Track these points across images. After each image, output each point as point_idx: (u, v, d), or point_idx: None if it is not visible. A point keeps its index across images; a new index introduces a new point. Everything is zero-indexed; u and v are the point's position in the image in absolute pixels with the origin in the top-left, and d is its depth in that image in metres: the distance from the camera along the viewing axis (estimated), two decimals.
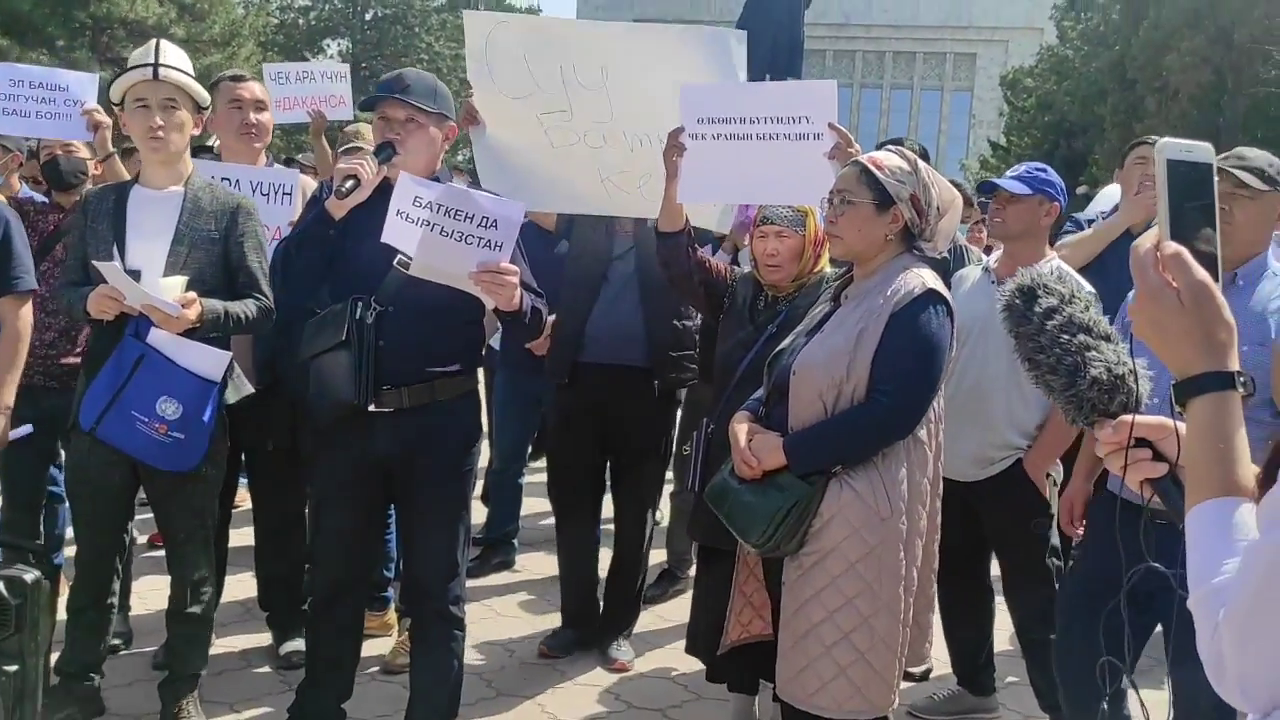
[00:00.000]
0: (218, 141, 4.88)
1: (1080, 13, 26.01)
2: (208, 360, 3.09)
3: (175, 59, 3.19)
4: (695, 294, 3.59)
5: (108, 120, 3.97)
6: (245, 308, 3.15)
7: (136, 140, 3.20)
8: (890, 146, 3.24)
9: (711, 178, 3.35)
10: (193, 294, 3.01)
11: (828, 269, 3.43)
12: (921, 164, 2.74)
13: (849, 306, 2.70)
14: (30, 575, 2.46)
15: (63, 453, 3.69)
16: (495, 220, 2.75)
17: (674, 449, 4.31)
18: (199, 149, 4.73)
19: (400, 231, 2.75)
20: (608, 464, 4.18)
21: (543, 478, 4.54)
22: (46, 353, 3.76)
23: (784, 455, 2.60)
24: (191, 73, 3.24)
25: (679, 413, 4.34)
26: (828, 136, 3.26)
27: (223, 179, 3.50)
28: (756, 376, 3.00)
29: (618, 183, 3.86)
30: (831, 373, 2.59)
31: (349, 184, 2.83)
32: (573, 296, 3.98)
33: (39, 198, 4.35)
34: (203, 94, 3.25)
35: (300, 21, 38.41)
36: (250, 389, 3.33)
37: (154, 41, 3.19)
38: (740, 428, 2.73)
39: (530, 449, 5.47)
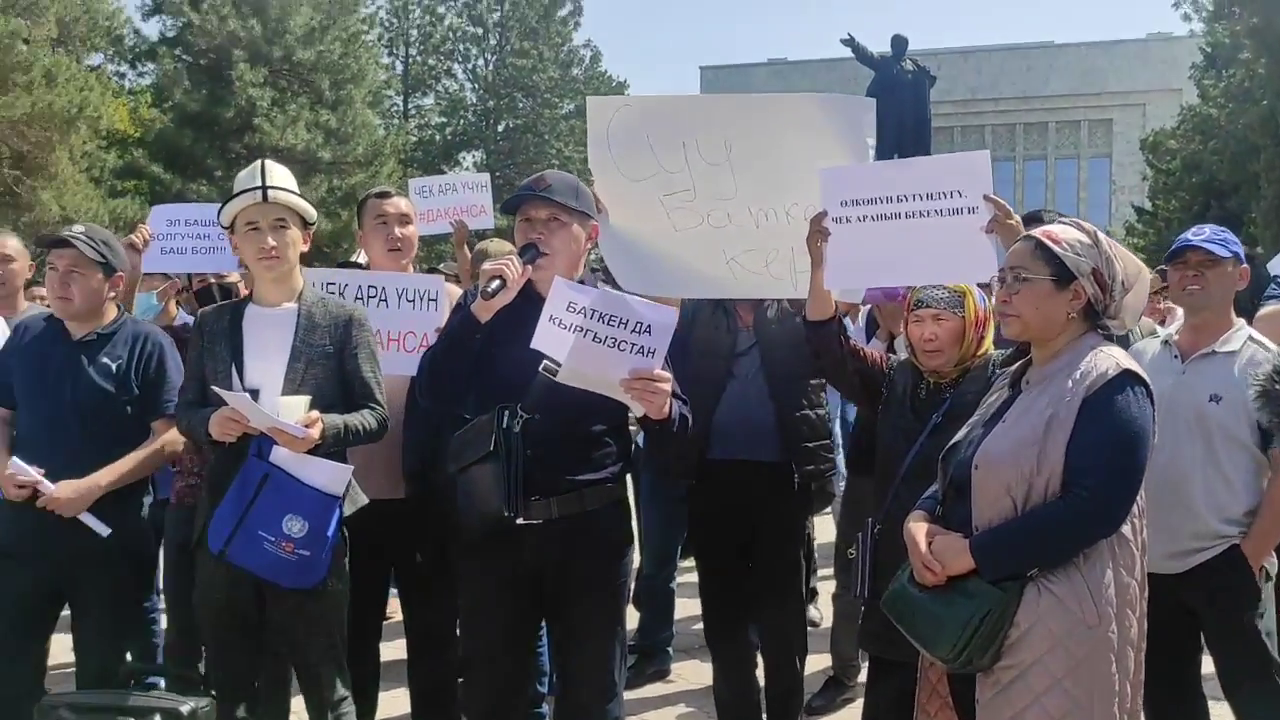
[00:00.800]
0: (363, 256, 5.00)
1: (1221, 70, 25.13)
2: (330, 475, 3.06)
3: (281, 178, 3.20)
4: (850, 384, 3.42)
5: None
6: (363, 420, 3.12)
7: (249, 262, 3.21)
8: (1063, 219, 3.02)
9: (860, 261, 3.21)
10: (315, 413, 2.99)
11: (993, 351, 3.22)
12: (1102, 236, 2.53)
13: (1032, 392, 2.49)
14: (187, 706, 2.42)
15: None
16: (649, 325, 2.67)
17: (811, 543, 4.09)
18: (346, 264, 4.84)
19: (551, 337, 2.68)
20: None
21: (695, 578, 4.37)
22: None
23: (972, 559, 2.37)
24: (297, 189, 3.26)
25: (819, 506, 4.14)
26: (984, 210, 3.10)
27: (370, 287, 3.52)
28: (924, 471, 2.82)
29: (744, 263, 3.74)
30: (1020, 466, 2.37)
31: (494, 285, 2.79)
32: (697, 394, 3.86)
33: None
34: (310, 211, 3.25)
35: (437, 137, 40.29)
36: (365, 500, 3.27)
37: (259, 162, 3.23)
38: (918, 529, 2.51)
39: (680, 550, 5.30)
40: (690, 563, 5.07)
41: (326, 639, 3.16)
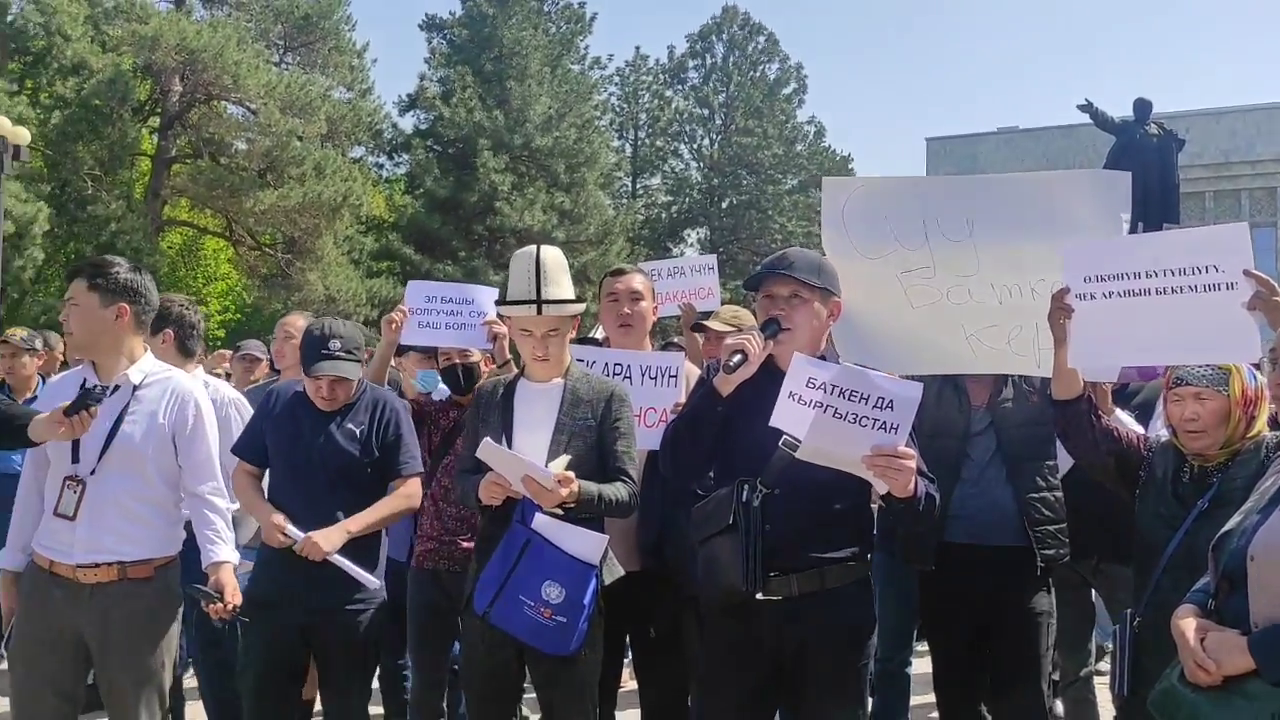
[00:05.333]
0: (601, 331, 5.19)
1: None
2: (587, 544, 3.14)
3: (555, 286, 3.24)
4: (1104, 466, 3.25)
5: (505, 331, 4.22)
6: (616, 491, 3.21)
7: (524, 355, 3.39)
8: None
9: (1108, 339, 3.07)
10: (570, 474, 3.10)
11: (1266, 432, 2.99)
12: None
13: None
14: None
15: None
16: (891, 400, 2.63)
17: (1052, 631, 3.84)
18: (584, 340, 5.04)
19: (791, 414, 2.69)
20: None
21: (928, 665, 4.20)
22: (450, 539, 4.03)
23: (1251, 658, 2.19)
24: (568, 286, 3.33)
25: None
26: (1244, 285, 2.88)
27: (615, 364, 3.66)
28: (1188, 560, 2.66)
29: (984, 339, 3.64)
30: None
31: (736, 359, 2.83)
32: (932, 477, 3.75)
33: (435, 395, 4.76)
34: (579, 310, 3.38)
35: (663, 216, 41.37)
36: (622, 571, 3.35)
37: (535, 259, 3.26)
38: (1187, 624, 2.34)
39: (916, 634, 5.12)
40: (923, 646, 4.88)
41: (579, 706, 3.23)
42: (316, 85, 24.89)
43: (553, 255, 3.33)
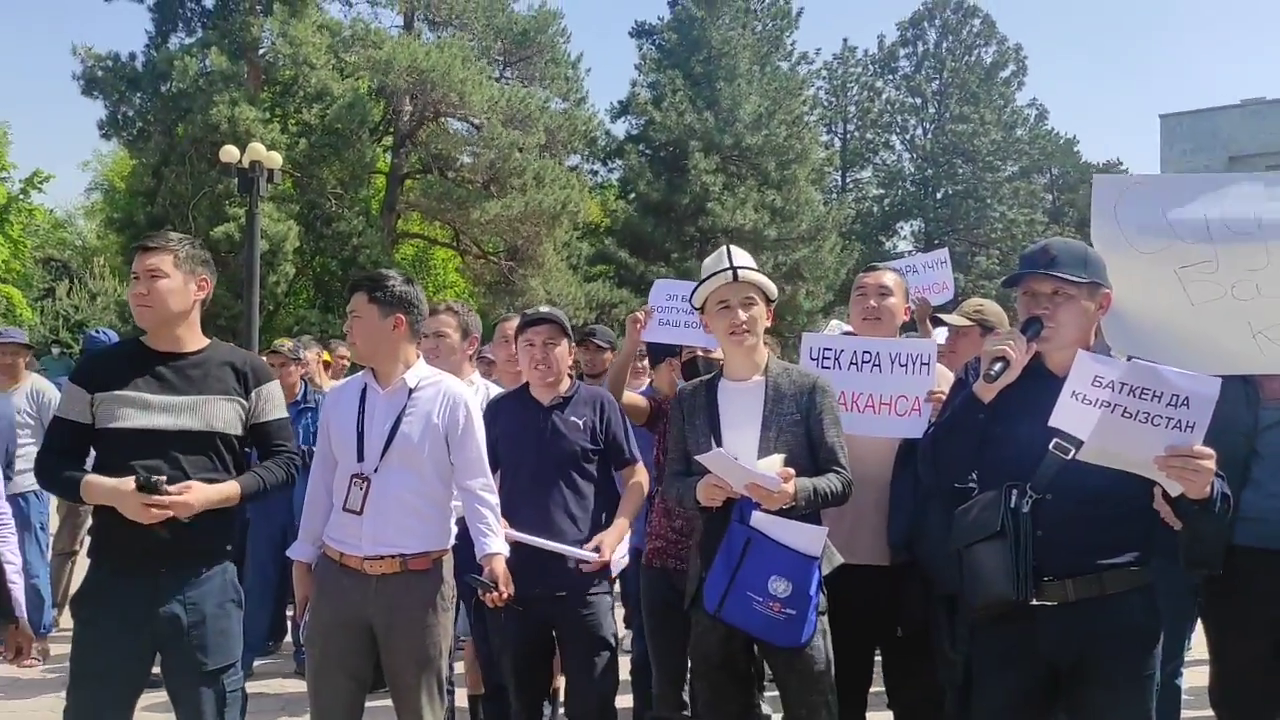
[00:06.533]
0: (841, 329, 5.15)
1: None
2: (806, 537, 3.17)
3: (745, 259, 3.40)
4: None
5: None
6: (830, 483, 3.22)
7: (721, 338, 3.44)
8: None
9: None
10: (790, 470, 3.13)
11: None
12: None
13: None
14: None
15: None
16: (1187, 398, 2.50)
17: None
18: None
19: (1074, 414, 2.58)
20: None
21: (1198, 679, 3.94)
22: (678, 538, 4.11)
23: None
24: (759, 269, 3.47)
25: None
26: None
27: (864, 352, 3.66)
28: None
29: (1273, 337, 3.38)
30: None
31: (997, 366, 2.75)
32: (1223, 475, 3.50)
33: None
34: (773, 288, 3.45)
35: (875, 209, 40.58)
36: (840, 560, 3.34)
37: (724, 247, 3.45)
38: None
39: (1188, 645, 4.81)
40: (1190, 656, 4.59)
41: (819, 695, 3.26)
42: (535, 98, 25.87)
43: (739, 250, 3.46)
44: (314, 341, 7.18)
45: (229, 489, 3.17)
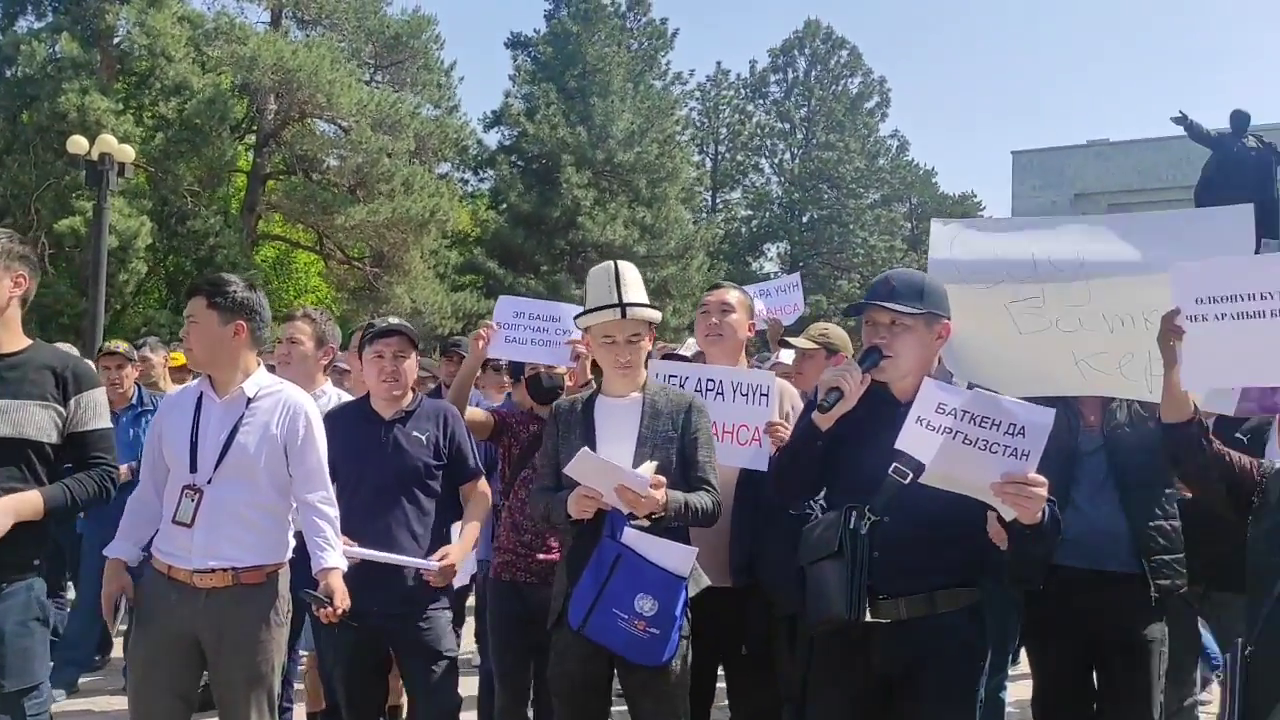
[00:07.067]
0: (690, 349, 5.23)
1: None
2: (676, 556, 3.18)
3: (635, 291, 3.35)
4: (1214, 491, 3.17)
5: (586, 352, 4.27)
6: (701, 499, 3.26)
7: (604, 367, 3.46)
8: None
9: (1220, 360, 3.00)
10: (661, 478, 3.15)
11: None
12: None
13: None
14: None
15: None
16: (1023, 427, 2.60)
17: (1163, 659, 3.75)
18: (670, 356, 5.09)
19: (919, 438, 2.66)
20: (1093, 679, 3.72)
21: (1023, 691, 4.13)
22: (526, 551, 4.10)
23: None
24: (646, 298, 3.43)
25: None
26: None
27: (707, 380, 3.69)
28: None
29: (1094, 364, 3.60)
30: None
31: (832, 396, 2.83)
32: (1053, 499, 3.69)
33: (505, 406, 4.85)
34: (658, 317, 3.45)
35: (743, 230, 41.31)
36: (708, 582, 3.38)
37: (613, 270, 3.38)
38: None
39: (1011, 658, 5.04)
40: (1015, 670, 4.81)
41: (670, 714, 3.27)
42: (405, 103, 25.43)
43: (629, 267, 3.43)
44: (160, 344, 6.88)
45: (30, 500, 3.00)
